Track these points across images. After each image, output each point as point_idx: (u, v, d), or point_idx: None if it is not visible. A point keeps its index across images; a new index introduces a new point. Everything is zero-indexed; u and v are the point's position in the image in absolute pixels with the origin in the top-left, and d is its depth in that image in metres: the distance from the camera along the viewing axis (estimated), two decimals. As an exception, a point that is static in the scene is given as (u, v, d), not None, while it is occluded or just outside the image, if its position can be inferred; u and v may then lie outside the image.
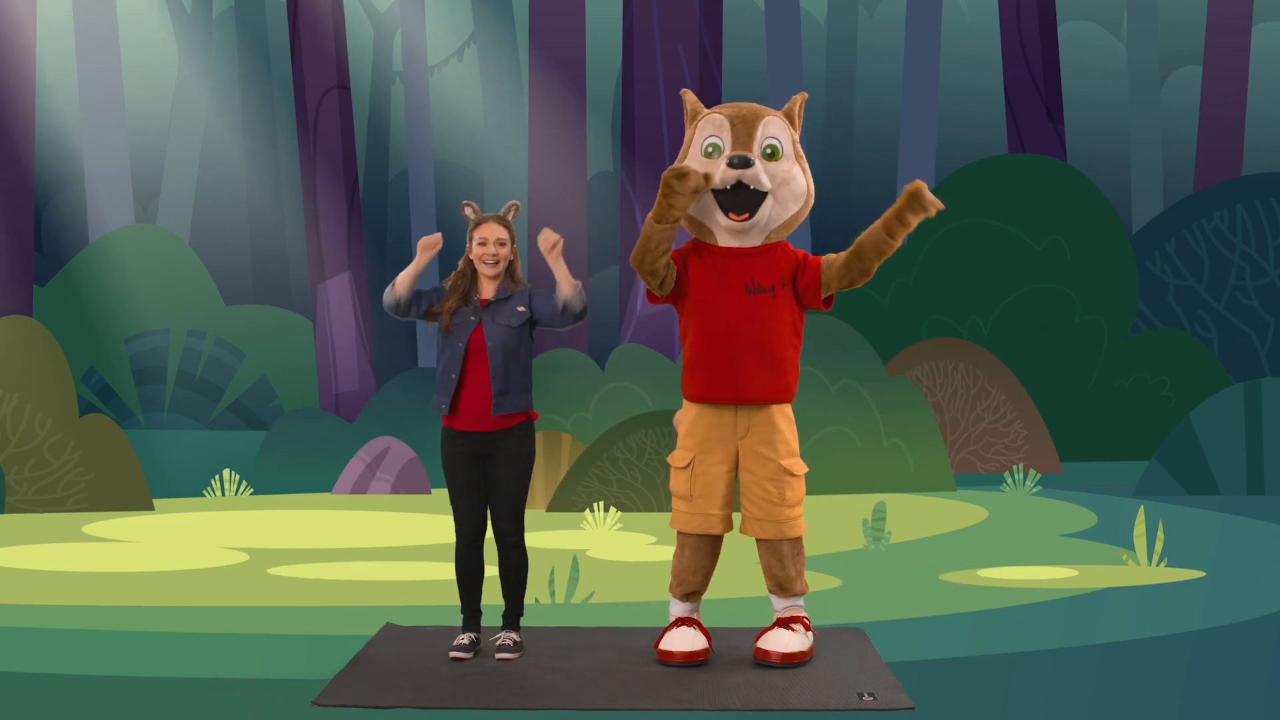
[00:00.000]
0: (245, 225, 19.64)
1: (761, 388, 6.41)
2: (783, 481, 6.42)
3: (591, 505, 11.35)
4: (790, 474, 6.44)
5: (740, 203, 6.39)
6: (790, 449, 6.47)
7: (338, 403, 16.70)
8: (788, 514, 6.44)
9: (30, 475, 11.42)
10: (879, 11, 20.21)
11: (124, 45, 19.13)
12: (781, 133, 6.47)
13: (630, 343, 15.52)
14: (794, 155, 6.49)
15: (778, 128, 6.47)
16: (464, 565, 6.62)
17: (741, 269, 6.43)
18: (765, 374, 6.40)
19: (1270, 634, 7.12)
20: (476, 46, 19.65)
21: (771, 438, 6.43)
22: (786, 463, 6.44)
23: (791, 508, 6.46)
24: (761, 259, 6.45)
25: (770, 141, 6.43)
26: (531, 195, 16.85)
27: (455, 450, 6.54)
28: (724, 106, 6.56)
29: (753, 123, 6.44)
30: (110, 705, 5.86)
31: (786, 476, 6.43)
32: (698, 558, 6.56)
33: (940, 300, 15.26)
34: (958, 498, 12.42)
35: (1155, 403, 14.96)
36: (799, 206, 6.48)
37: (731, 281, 6.43)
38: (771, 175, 6.41)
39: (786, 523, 6.45)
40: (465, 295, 6.58)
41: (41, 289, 17.52)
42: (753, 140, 6.42)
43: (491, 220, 6.59)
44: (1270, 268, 15.65)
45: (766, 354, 6.40)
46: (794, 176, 6.44)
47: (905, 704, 5.81)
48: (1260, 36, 18.43)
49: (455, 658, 6.47)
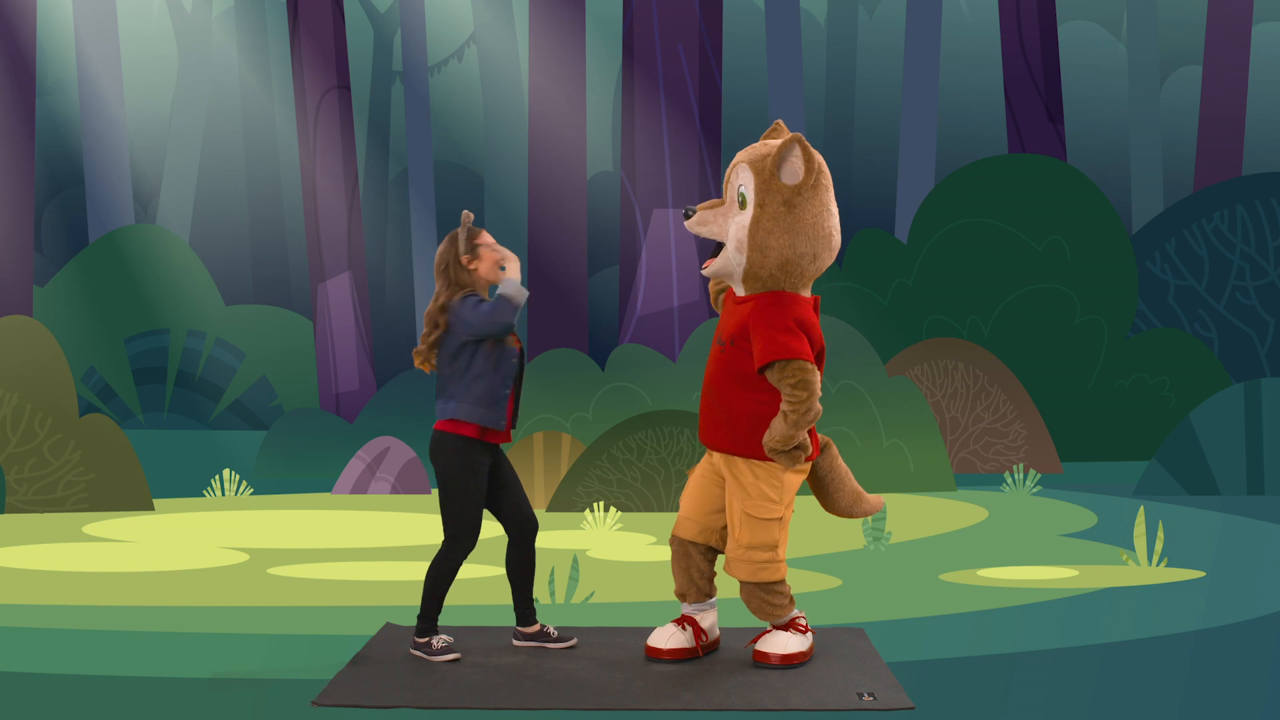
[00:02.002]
0: (245, 225, 19.65)
1: (716, 438, 6.42)
2: (749, 523, 6.36)
3: (591, 505, 11.35)
4: (755, 518, 6.33)
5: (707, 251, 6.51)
6: (761, 494, 6.32)
7: (338, 403, 16.70)
8: (755, 556, 6.33)
9: (30, 475, 11.42)
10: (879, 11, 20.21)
11: (124, 45, 19.14)
12: (748, 181, 6.31)
13: (630, 343, 15.52)
14: (758, 204, 6.28)
15: (745, 175, 6.33)
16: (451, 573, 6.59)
17: (725, 317, 6.50)
18: (722, 425, 6.38)
19: (1270, 634, 7.12)
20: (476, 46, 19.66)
21: (740, 483, 6.38)
22: (751, 507, 6.33)
23: (758, 551, 6.33)
24: (735, 310, 6.43)
25: (740, 189, 6.35)
26: (531, 195, 16.84)
27: (480, 463, 6.56)
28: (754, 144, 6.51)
29: (734, 168, 6.43)
30: (110, 705, 5.86)
31: (751, 519, 6.34)
32: (673, 558, 6.62)
33: (940, 300, 15.26)
34: (958, 498, 12.42)
35: (1155, 403, 14.96)
36: (741, 259, 6.30)
37: (718, 328, 6.52)
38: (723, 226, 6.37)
39: (758, 566, 6.34)
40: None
41: (41, 289, 17.52)
42: (729, 187, 6.43)
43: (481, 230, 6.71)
44: (1270, 268, 15.66)
45: (721, 405, 6.37)
46: (735, 230, 6.31)
47: (905, 704, 5.81)
48: (1260, 36, 18.44)
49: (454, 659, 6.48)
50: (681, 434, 11.61)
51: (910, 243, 15.48)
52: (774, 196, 6.27)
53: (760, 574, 6.34)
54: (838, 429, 12.67)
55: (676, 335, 15.97)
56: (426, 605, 6.56)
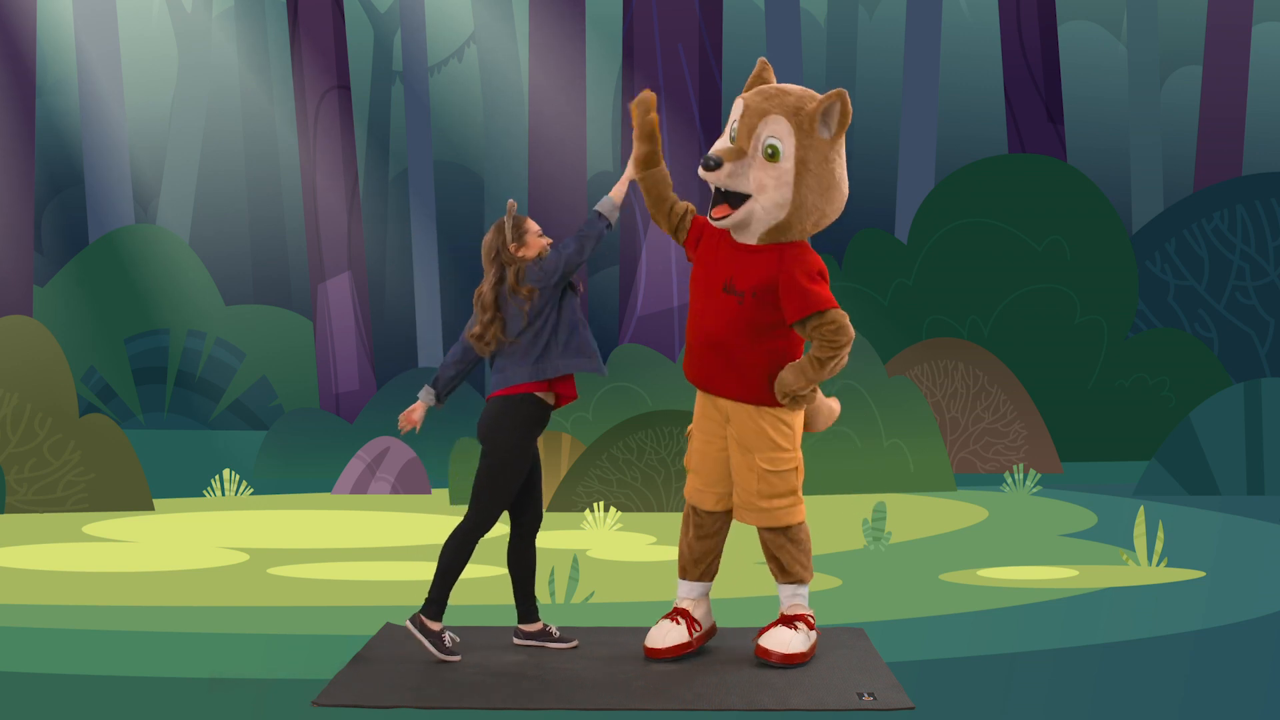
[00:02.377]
0: (245, 225, 19.64)
1: (726, 386, 6.34)
2: (758, 475, 6.34)
3: (591, 505, 11.35)
4: (767, 470, 6.32)
5: (719, 198, 6.28)
6: (772, 444, 6.31)
7: (338, 403, 16.70)
8: (770, 504, 6.33)
9: (30, 475, 11.42)
10: (879, 11, 20.21)
11: (124, 45, 19.13)
12: (785, 135, 6.17)
13: (630, 343, 15.52)
14: (799, 160, 6.16)
15: (781, 128, 6.18)
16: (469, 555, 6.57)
17: (728, 264, 6.31)
18: (729, 374, 6.32)
19: (1270, 634, 7.12)
20: (476, 46, 19.65)
21: (749, 432, 6.34)
22: (762, 459, 6.32)
23: (769, 499, 6.33)
24: (749, 260, 6.27)
25: (771, 141, 6.18)
26: (531, 195, 16.85)
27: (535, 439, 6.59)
28: (759, 90, 6.32)
29: (758, 117, 6.21)
30: (110, 705, 5.86)
31: (762, 472, 6.33)
32: (686, 528, 6.57)
33: (940, 300, 15.26)
34: (958, 498, 12.42)
35: (1155, 403, 14.96)
36: (781, 215, 6.20)
37: (716, 274, 6.33)
38: (755, 178, 6.20)
39: (771, 512, 6.34)
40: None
41: (41, 289, 17.52)
42: (752, 134, 6.21)
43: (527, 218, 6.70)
44: (1270, 268, 15.65)
45: (728, 355, 6.30)
46: (778, 185, 6.17)
47: (905, 704, 5.81)
48: (1260, 36, 18.43)
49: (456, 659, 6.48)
50: (681, 434, 11.61)
51: (910, 243, 15.48)
52: (815, 154, 6.20)
53: (782, 518, 6.35)
54: (838, 429, 12.67)
55: (676, 335, 15.97)
56: (440, 585, 6.51)
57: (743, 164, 6.22)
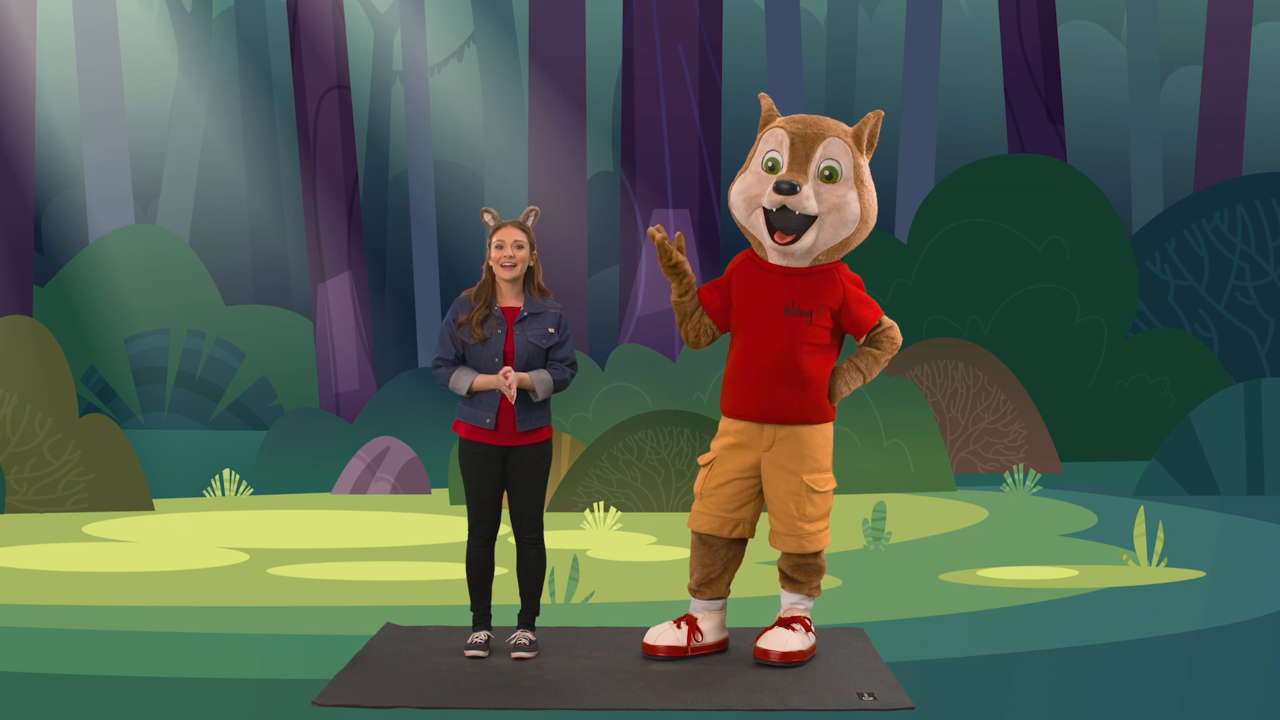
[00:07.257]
0: (245, 225, 19.63)
1: (793, 409, 6.42)
2: (802, 497, 6.42)
3: (591, 505, 11.35)
4: (813, 490, 6.43)
5: (786, 224, 6.34)
6: (816, 464, 6.45)
7: (338, 403, 16.70)
8: (807, 529, 6.44)
9: (30, 475, 11.42)
10: (879, 11, 20.21)
11: (124, 46, 19.13)
12: (842, 155, 6.37)
13: (630, 343, 15.52)
14: (854, 179, 6.37)
15: (839, 149, 6.37)
16: (476, 565, 6.64)
17: (784, 288, 6.41)
18: (797, 394, 6.41)
19: (1270, 634, 7.12)
20: (476, 46, 19.65)
21: (798, 452, 6.42)
22: (809, 478, 6.43)
23: (811, 522, 6.45)
24: (806, 281, 6.41)
25: (829, 163, 6.34)
26: (531, 195, 16.85)
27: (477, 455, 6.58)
28: (792, 119, 6.47)
29: (814, 142, 6.35)
30: (110, 705, 5.86)
31: (807, 492, 6.43)
32: (696, 554, 6.63)
33: (940, 300, 15.26)
34: (958, 498, 12.42)
35: (1155, 403, 14.96)
36: (849, 232, 6.39)
37: (773, 300, 6.42)
38: (823, 199, 6.33)
39: (806, 537, 6.46)
40: (489, 303, 6.57)
41: (41, 289, 17.51)
42: (810, 160, 6.34)
43: (510, 225, 6.59)
44: (1270, 268, 15.65)
45: (798, 375, 6.38)
46: (847, 202, 6.35)
47: (905, 704, 5.81)
48: (1260, 36, 18.43)
49: (475, 656, 6.49)
50: (681, 434, 11.61)
51: (910, 243, 15.48)
52: (865, 172, 6.47)
53: (819, 541, 6.50)
54: (837, 429, 12.67)
55: (676, 335, 15.96)
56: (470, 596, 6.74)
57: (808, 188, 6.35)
